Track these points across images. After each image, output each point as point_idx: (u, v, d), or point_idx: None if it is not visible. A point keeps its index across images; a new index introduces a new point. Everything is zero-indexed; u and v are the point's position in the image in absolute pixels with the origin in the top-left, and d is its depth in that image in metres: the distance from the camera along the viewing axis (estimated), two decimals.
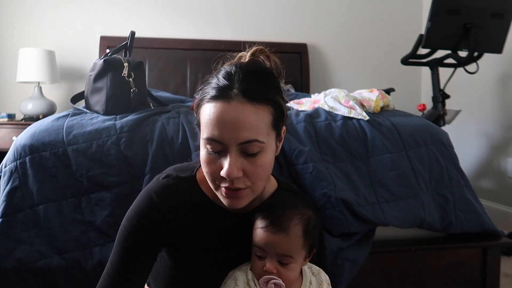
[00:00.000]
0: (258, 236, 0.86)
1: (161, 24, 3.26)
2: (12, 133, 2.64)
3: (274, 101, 0.81)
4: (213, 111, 0.78)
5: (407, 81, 3.58)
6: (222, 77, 0.81)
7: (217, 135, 0.78)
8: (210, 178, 0.83)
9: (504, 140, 2.85)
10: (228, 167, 0.78)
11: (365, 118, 1.53)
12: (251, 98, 0.78)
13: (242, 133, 0.77)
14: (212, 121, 0.78)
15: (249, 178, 0.81)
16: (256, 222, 0.88)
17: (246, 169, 0.80)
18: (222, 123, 0.77)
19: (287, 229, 0.85)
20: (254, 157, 0.80)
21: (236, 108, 0.77)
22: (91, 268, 1.23)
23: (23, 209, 1.26)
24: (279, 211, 0.87)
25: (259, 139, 0.79)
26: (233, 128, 0.77)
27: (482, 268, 1.52)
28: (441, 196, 1.50)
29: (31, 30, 3.09)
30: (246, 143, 0.78)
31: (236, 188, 0.80)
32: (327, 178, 1.35)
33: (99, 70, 1.56)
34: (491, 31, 2.39)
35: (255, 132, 0.78)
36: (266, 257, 0.86)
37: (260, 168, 0.81)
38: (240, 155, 0.79)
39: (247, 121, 0.77)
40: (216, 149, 0.79)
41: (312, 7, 3.48)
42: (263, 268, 0.85)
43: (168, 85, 3.03)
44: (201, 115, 0.82)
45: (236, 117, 0.77)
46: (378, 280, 1.44)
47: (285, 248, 0.85)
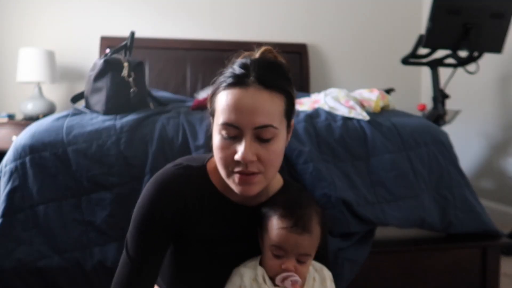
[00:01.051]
0: (280, 236, 0.85)
1: (161, 24, 3.26)
2: (12, 133, 2.64)
3: (287, 91, 0.85)
4: (230, 97, 0.81)
5: (407, 81, 3.57)
6: (238, 67, 0.84)
7: (234, 119, 0.80)
8: (224, 164, 0.84)
9: (504, 140, 2.85)
10: (244, 150, 0.80)
11: (365, 118, 1.53)
12: (267, 86, 0.82)
13: (258, 118, 0.80)
14: (229, 106, 0.81)
15: (262, 164, 0.82)
16: (276, 222, 0.86)
17: (260, 154, 0.82)
18: (239, 108, 0.80)
19: (311, 230, 0.86)
20: (268, 142, 0.82)
21: (253, 94, 0.81)
22: (91, 268, 1.23)
23: (23, 209, 1.25)
24: (299, 211, 0.87)
25: (273, 125, 0.82)
26: (250, 113, 0.80)
27: (482, 268, 1.52)
28: (441, 196, 1.50)
29: (31, 30, 3.09)
30: (262, 128, 0.81)
31: (249, 173, 0.82)
32: (327, 178, 1.35)
33: (99, 70, 1.55)
34: (491, 31, 2.39)
35: (270, 117, 0.81)
36: (284, 256, 0.86)
37: (273, 154, 0.83)
38: (254, 140, 0.81)
39: (263, 106, 0.81)
40: (232, 134, 0.82)
41: (312, 7, 3.48)
42: (282, 267, 0.85)
43: (168, 85, 3.03)
44: (216, 103, 0.85)
45: (252, 102, 0.80)
46: (378, 280, 1.44)
47: (308, 248, 0.86)
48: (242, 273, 0.87)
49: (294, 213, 0.86)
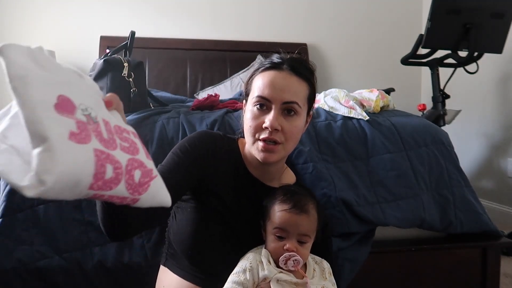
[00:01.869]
0: (281, 217, 0.95)
1: (161, 24, 3.26)
2: None
3: (311, 83, 1.03)
4: (266, 76, 0.99)
5: (407, 81, 3.57)
6: (275, 57, 1.02)
7: (267, 93, 0.97)
8: (252, 131, 0.99)
9: (504, 140, 2.85)
10: (272, 118, 0.96)
11: (365, 118, 1.53)
12: (296, 73, 1.00)
13: (287, 95, 0.97)
14: (265, 83, 0.98)
15: (284, 135, 0.98)
16: (278, 206, 0.97)
17: (283, 126, 0.97)
18: (273, 85, 0.98)
19: (308, 211, 0.97)
20: (291, 117, 0.99)
21: (285, 76, 0.99)
22: (91, 268, 1.23)
23: (23, 209, 1.25)
24: (297, 196, 0.98)
25: (298, 103, 0.99)
26: (281, 89, 0.97)
27: (482, 268, 1.52)
28: (441, 196, 1.50)
29: (31, 30, 3.09)
30: (288, 103, 0.97)
31: (273, 140, 0.97)
32: (327, 178, 1.35)
33: (99, 70, 1.55)
34: (491, 31, 2.39)
35: (296, 96, 0.99)
36: (286, 237, 0.95)
37: (294, 128, 0.99)
38: (281, 114, 0.98)
39: (292, 86, 0.99)
40: (263, 106, 0.98)
41: (312, 7, 3.48)
42: (284, 248, 0.94)
43: (168, 85, 3.03)
44: (254, 83, 1.02)
45: (284, 82, 0.98)
46: (378, 280, 1.44)
47: (306, 227, 0.96)
48: (249, 256, 0.96)
49: (292, 198, 0.98)
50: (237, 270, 0.93)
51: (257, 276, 0.91)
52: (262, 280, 0.91)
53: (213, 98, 1.72)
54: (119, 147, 0.57)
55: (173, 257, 1.04)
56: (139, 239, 1.27)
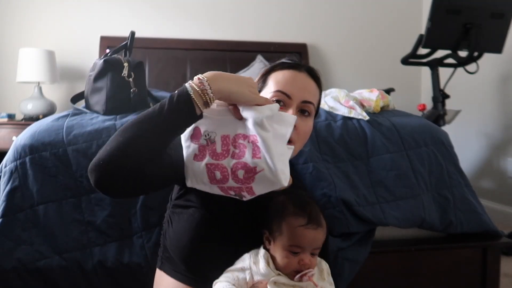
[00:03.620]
0: (298, 235, 0.90)
1: (161, 24, 3.26)
2: (12, 133, 2.64)
3: (320, 89, 1.08)
4: (288, 73, 1.03)
5: (407, 81, 3.58)
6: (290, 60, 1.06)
7: (288, 89, 1.00)
8: None
9: (504, 140, 2.85)
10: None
11: (365, 118, 1.53)
12: (313, 77, 1.05)
13: (307, 94, 1.01)
14: (286, 79, 1.02)
15: (298, 135, 0.99)
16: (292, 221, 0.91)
17: (299, 125, 0.98)
18: (294, 82, 1.01)
19: (322, 223, 0.94)
20: (306, 116, 1.02)
21: (305, 77, 1.04)
22: (91, 268, 1.23)
23: (23, 209, 1.25)
24: (309, 207, 0.94)
25: (314, 103, 1.03)
26: (302, 88, 1.01)
27: (482, 268, 1.52)
28: (441, 196, 1.50)
29: (31, 30, 3.09)
30: (306, 103, 1.01)
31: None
32: (327, 178, 1.35)
33: (99, 70, 1.55)
34: (491, 31, 2.39)
35: (314, 98, 1.03)
36: (301, 252, 0.91)
37: (307, 127, 1.03)
38: (297, 112, 1.00)
39: (311, 87, 1.04)
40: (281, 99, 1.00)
41: (312, 7, 3.48)
42: (299, 263, 0.90)
43: (168, 85, 3.03)
44: (270, 79, 1.04)
45: (304, 82, 1.03)
46: (378, 280, 1.44)
47: (321, 241, 0.94)
48: (244, 258, 0.93)
49: (305, 210, 0.93)
50: (232, 268, 0.91)
51: (252, 277, 0.89)
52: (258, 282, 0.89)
53: None
54: (230, 155, 0.86)
55: (169, 260, 1.02)
56: (139, 239, 1.27)
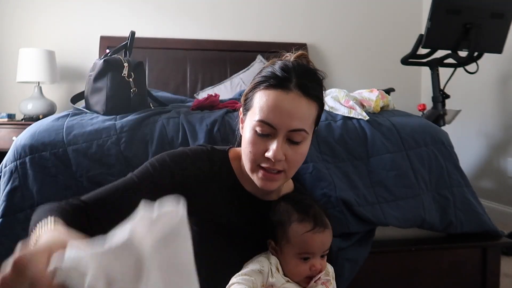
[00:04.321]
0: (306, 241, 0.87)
1: (161, 24, 3.26)
2: (12, 133, 2.63)
3: (320, 100, 0.92)
4: (272, 97, 0.87)
5: (407, 81, 3.57)
6: (280, 68, 0.89)
7: (272, 119, 0.86)
8: (252, 158, 0.89)
9: (504, 140, 2.85)
10: (276, 149, 0.86)
11: (365, 118, 1.53)
12: (306, 93, 0.87)
13: (294, 122, 0.86)
14: (269, 106, 0.86)
15: (288, 163, 0.89)
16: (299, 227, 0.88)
17: (288, 155, 0.88)
18: (278, 110, 0.86)
19: (327, 224, 0.91)
20: (297, 145, 0.89)
21: (293, 99, 0.86)
22: None
23: (23, 209, 1.25)
24: (313, 210, 0.91)
25: (306, 130, 0.88)
26: (288, 116, 0.86)
27: (482, 268, 1.52)
28: (441, 196, 1.50)
29: (31, 30, 3.09)
30: (295, 131, 0.87)
31: (275, 170, 0.88)
32: (327, 178, 1.35)
33: (99, 70, 1.55)
34: (491, 31, 2.39)
35: (304, 123, 0.88)
36: (311, 257, 0.88)
37: (299, 156, 0.90)
38: (285, 141, 0.88)
39: (300, 112, 0.87)
40: (266, 132, 0.87)
41: (312, 7, 3.48)
42: (311, 269, 0.88)
43: (168, 85, 3.03)
44: (254, 100, 0.90)
45: (292, 107, 0.86)
46: (378, 280, 1.44)
47: (329, 242, 0.91)
48: (261, 260, 0.90)
49: (309, 214, 0.90)
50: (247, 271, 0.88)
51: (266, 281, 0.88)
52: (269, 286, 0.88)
53: (213, 98, 1.72)
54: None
55: None
56: None
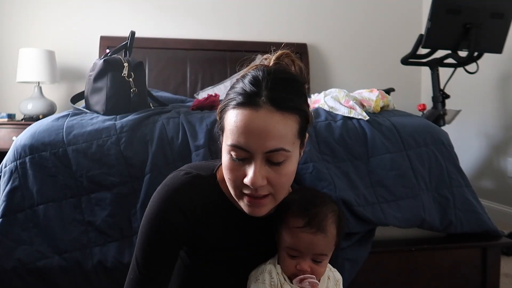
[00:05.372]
0: (294, 237, 0.84)
1: (162, 24, 3.26)
2: (12, 133, 2.63)
3: (301, 110, 0.81)
4: (240, 118, 0.77)
5: (407, 81, 3.57)
6: (249, 82, 0.79)
7: (243, 143, 0.77)
8: (233, 185, 0.82)
9: (504, 140, 2.85)
10: (252, 175, 0.77)
11: (365, 118, 1.53)
12: (280, 107, 0.77)
13: (269, 142, 0.76)
14: (239, 128, 0.77)
15: (272, 186, 0.80)
16: (290, 221, 0.85)
17: (270, 178, 0.79)
18: (249, 131, 0.76)
19: (325, 229, 0.84)
20: (278, 166, 0.79)
21: (265, 116, 0.76)
22: (91, 268, 1.23)
23: (23, 209, 1.25)
24: (314, 209, 0.85)
25: (285, 148, 0.78)
26: (260, 136, 0.76)
27: (482, 268, 1.52)
28: (441, 196, 1.50)
29: (31, 30, 3.09)
30: (273, 152, 0.77)
31: (259, 196, 0.80)
32: (327, 178, 1.34)
33: (99, 70, 1.55)
34: (491, 31, 2.39)
35: (282, 141, 0.77)
36: (299, 256, 0.85)
37: (284, 177, 0.81)
38: (265, 164, 0.78)
39: (275, 130, 0.76)
40: (241, 156, 0.78)
41: (312, 7, 3.48)
42: (296, 267, 0.85)
43: (168, 85, 3.03)
44: (225, 121, 0.81)
45: (264, 126, 0.76)
46: (378, 280, 1.44)
47: (322, 248, 0.85)
48: (270, 270, 0.87)
49: (307, 212, 0.84)
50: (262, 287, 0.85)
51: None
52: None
53: (213, 98, 1.73)
54: None
55: None
56: None
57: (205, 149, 1.35)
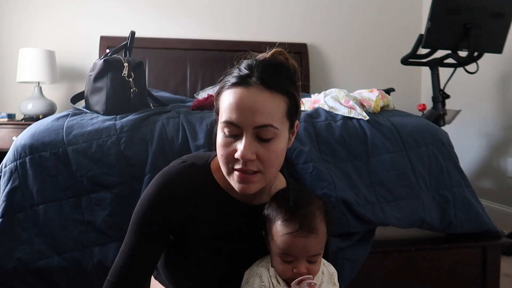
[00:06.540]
0: (286, 243, 0.84)
1: (161, 24, 3.26)
2: (12, 133, 2.64)
3: (289, 92, 0.87)
4: (233, 96, 0.84)
5: (407, 81, 3.58)
6: (243, 67, 0.87)
7: (235, 118, 0.83)
8: (225, 161, 0.86)
9: (504, 140, 2.85)
10: (243, 149, 0.82)
11: (365, 118, 1.53)
12: (269, 87, 0.84)
13: (258, 118, 0.82)
14: (231, 105, 0.83)
15: (261, 163, 0.85)
16: (280, 228, 0.85)
17: (259, 153, 0.84)
18: (240, 107, 0.83)
19: (316, 230, 0.85)
20: (267, 142, 0.84)
21: (254, 94, 0.83)
22: (91, 268, 1.23)
23: (23, 209, 1.25)
24: (301, 211, 0.86)
25: (273, 125, 0.83)
26: (250, 112, 0.82)
27: (482, 268, 1.52)
28: (441, 196, 1.50)
29: (31, 30, 3.09)
30: (261, 127, 0.83)
31: (249, 171, 0.84)
32: (327, 178, 1.35)
33: (99, 70, 1.55)
34: (491, 31, 2.39)
35: (271, 117, 0.83)
36: (294, 260, 0.85)
37: (273, 154, 0.85)
38: (254, 139, 0.84)
39: (264, 106, 0.83)
40: (233, 132, 0.84)
41: (312, 7, 3.48)
42: (293, 271, 0.85)
43: (168, 85, 3.03)
44: (221, 101, 0.87)
45: (253, 102, 0.83)
46: (378, 280, 1.44)
47: (316, 248, 0.86)
48: (260, 273, 0.87)
49: (296, 215, 0.85)
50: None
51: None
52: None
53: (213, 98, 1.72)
54: None
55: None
56: None
57: (205, 149, 1.35)
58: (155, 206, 0.90)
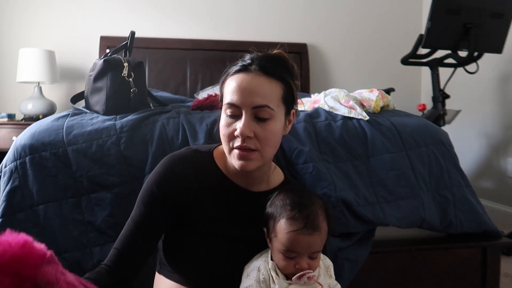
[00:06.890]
0: (291, 240, 0.87)
1: (162, 24, 3.26)
2: (12, 133, 2.64)
3: (285, 80, 0.96)
4: (235, 80, 0.95)
5: (407, 81, 3.58)
6: (246, 58, 0.98)
7: (235, 99, 0.93)
8: (226, 140, 0.95)
9: (504, 140, 2.85)
10: (242, 126, 0.92)
11: (365, 118, 1.53)
12: (266, 72, 0.94)
13: (256, 98, 0.92)
14: (233, 88, 0.94)
15: (259, 141, 0.93)
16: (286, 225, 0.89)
17: (257, 132, 0.92)
18: (241, 90, 0.93)
19: (319, 227, 0.90)
20: (264, 122, 0.93)
21: (253, 78, 0.94)
22: (91, 268, 1.22)
23: (23, 209, 1.25)
24: (306, 210, 0.90)
25: (270, 106, 0.93)
26: (249, 93, 0.92)
27: (482, 268, 1.52)
28: (441, 196, 1.50)
29: (31, 30, 3.09)
30: (259, 108, 0.92)
31: (247, 148, 0.92)
32: (327, 178, 1.35)
33: (99, 70, 1.55)
34: (491, 31, 2.39)
35: (267, 99, 0.93)
36: (296, 256, 0.88)
37: (269, 133, 0.94)
38: (252, 119, 0.93)
39: (261, 88, 0.93)
40: (234, 113, 0.94)
41: (312, 7, 3.48)
42: (295, 266, 0.88)
43: (168, 85, 3.03)
44: (225, 88, 0.97)
45: (252, 85, 0.93)
46: (378, 280, 1.44)
47: (319, 245, 0.90)
48: (258, 265, 0.91)
49: (301, 214, 0.89)
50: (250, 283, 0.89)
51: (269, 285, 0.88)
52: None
53: (213, 98, 1.72)
54: None
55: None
56: None
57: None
58: (160, 183, 0.97)
